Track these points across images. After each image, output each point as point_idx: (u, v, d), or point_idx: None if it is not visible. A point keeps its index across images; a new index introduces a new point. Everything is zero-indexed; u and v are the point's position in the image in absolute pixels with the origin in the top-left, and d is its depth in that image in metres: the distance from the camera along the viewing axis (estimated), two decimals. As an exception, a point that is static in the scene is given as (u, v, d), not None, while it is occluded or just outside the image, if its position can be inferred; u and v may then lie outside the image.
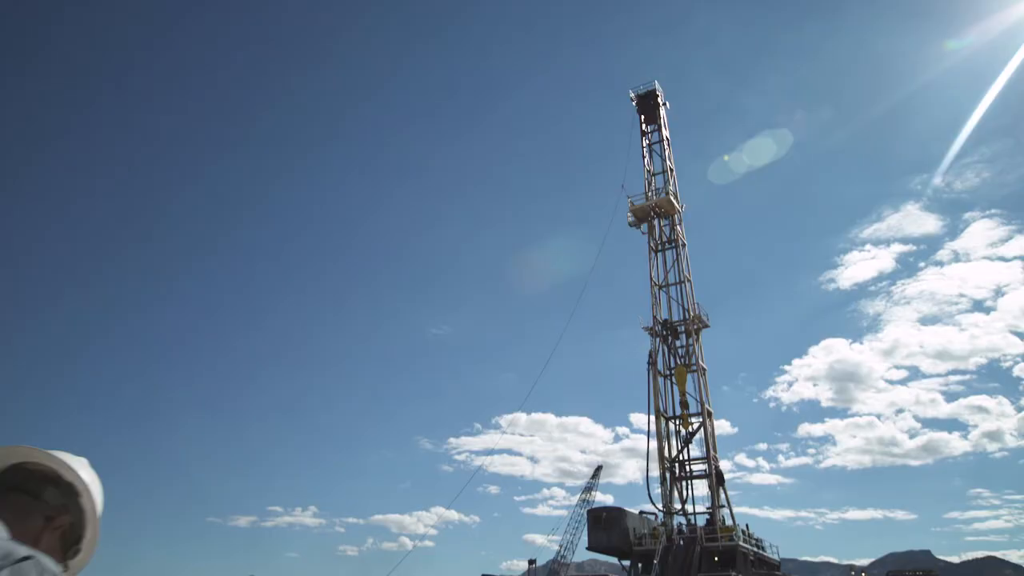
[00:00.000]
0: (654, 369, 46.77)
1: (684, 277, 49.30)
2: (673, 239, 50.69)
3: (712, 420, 45.94)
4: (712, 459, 44.16)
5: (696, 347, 47.13)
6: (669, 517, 43.13)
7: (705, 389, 46.21)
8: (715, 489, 43.38)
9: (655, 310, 48.67)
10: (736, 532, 40.53)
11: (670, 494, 44.30)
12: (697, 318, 47.76)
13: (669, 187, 51.60)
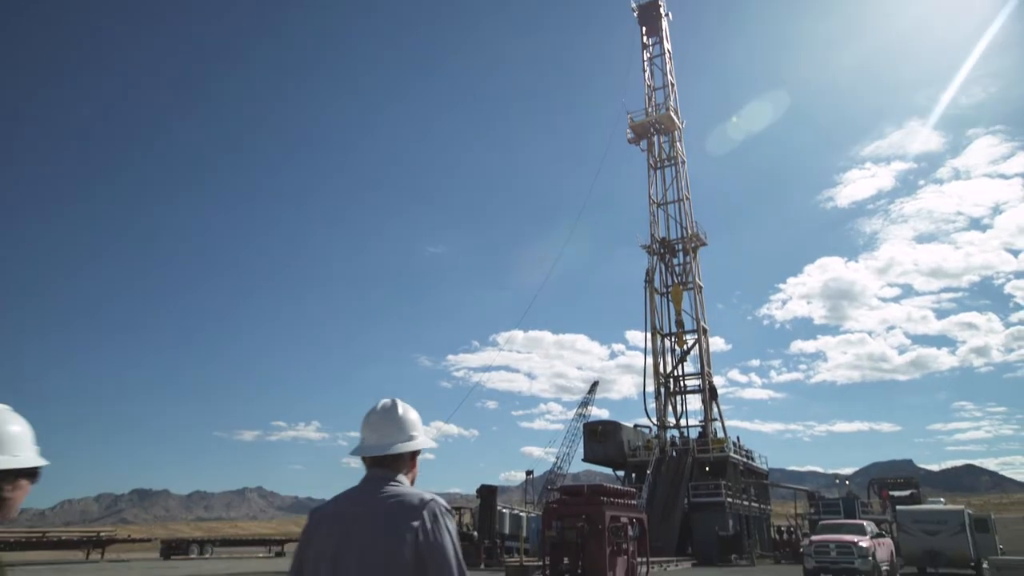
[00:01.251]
0: (651, 287, 47.04)
1: (683, 195, 48.88)
2: (672, 156, 49.96)
3: (707, 337, 46.63)
4: (706, 375, 45.09)
5: (693, 265, 47.28)
6: (663, 430, 44.42)
7: (701, 307, 46.70)
8: (708, 403, 44.52)
9: (653, 228, 48.52)
10: (727, 444, 41.87)
11: (664, 408, 45.46)
12: (695, 236, 47.67)
13: (670, 103, 50.45)
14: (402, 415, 2.36)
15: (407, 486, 2.26)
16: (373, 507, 2.14)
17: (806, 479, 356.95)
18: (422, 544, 2.05)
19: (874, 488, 42.80)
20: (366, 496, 2.19)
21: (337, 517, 2.17)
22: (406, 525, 2.08)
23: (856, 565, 19.57)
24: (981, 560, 24.74)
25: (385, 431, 2.31)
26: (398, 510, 2.12)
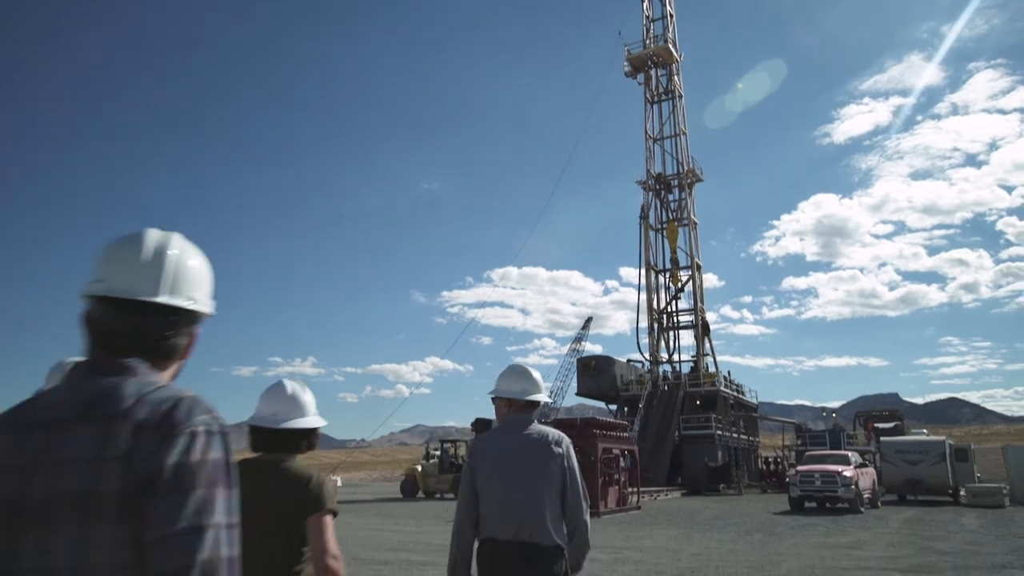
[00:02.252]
0: (646, 223, 46.87)
1: (680, 130, 48.13)
2: (670, 90, 48.94)
3: (701, 274, 46.77)
4: (699, 311, 45.45)
5: (688, 201, 46.97)
6: (655, 365, 45.06)
7: (696, 243, 46.66)
8: (700, 339, 45.03)
9: (649, 164, 47.97)
10: (718, 379, 42.56)
11: (657, 344, 45.98)
12: (691, 172, 47.20)
13: (668, 34, 49.09)
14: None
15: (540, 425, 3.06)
16: (526, 440, 2.93)
17: (794, 412, 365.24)
18: (565, 465, 2.89)
19: (860, 421, 43.80)
20: (513, 431, 2.97)
21: (499, 442, 2.97)
22: (553, 452, 2.89)
23: (839, 493, 20.24)
24: (959, 487, 25.62)
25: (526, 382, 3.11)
26: (551, 439, 2.93)
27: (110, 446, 1.01)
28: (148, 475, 1.00)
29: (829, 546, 12.10)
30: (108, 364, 1.12)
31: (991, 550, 11.55)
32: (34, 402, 1.13)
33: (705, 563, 10.03)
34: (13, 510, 1.01)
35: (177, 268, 1.21)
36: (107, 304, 1.15)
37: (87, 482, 1.00)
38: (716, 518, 18.31)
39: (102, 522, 0.98)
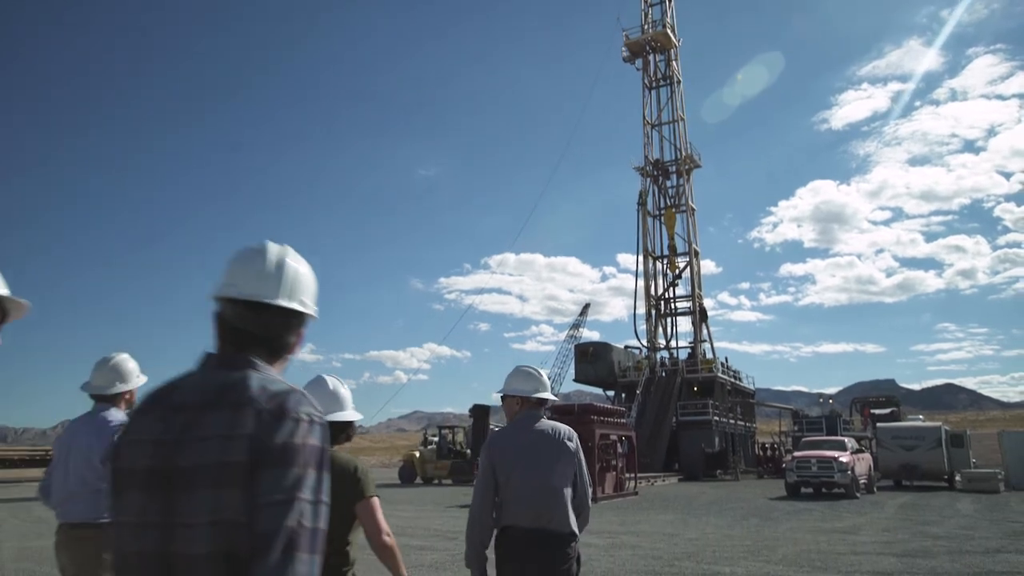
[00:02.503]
0: (644, 209, 46.80)
1: (678, 116, 47.95)
2: (668, 76, 48.71)
3: (698, 260, 46.77)
4: (697, 297, 45.50)
5: (686, 187, 46.89)
6: (653, 351, 45.15)
7: (693, 229, 46.62)
8: (698, 325, 45.11)
9: (647, 150, 47.83)
10: (715, 365, 42.69)
11: (655, 330, 46.05)
12: (689, 158, 47.07)
13: (666, 19, 48.78)
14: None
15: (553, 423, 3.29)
16: (539, 434, 3.18)
17: (791, 398, 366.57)
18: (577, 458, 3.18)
19: (856, 407, 43.99)
20: (526, 427, 3.22)
21: (514, 437, 3.21)
22: (566, 445, 3.16)
23: (835, 479, 20.36)
24: (955, 473, 25.79)
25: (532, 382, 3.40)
26: (562, 433, 3.19)
27: (239, 426, 1.22)
28: (261, 449, 1.21)
29: (825, 531, 12.19)
30: (236, 358, 1.36)
31: (986, 534, 11.64)
32: (175, 387, 1.36)
33: (702, 548, 10.10)
34: (165, 476, 1.24)
35: (294, 276, 1.46)
36: (236, 305, 1.40)
37: (221, 454, 1.21)
38: (713, 503, 18.42)
39: (231, 488, 1.19)
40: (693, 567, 8.45)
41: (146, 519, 1.24)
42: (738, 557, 9.23)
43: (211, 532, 1.18)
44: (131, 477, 1.29)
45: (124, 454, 1.32)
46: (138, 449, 1.30)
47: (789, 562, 8.79)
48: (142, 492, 1.26)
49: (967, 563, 8.67)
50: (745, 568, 8.35)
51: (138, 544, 1.24)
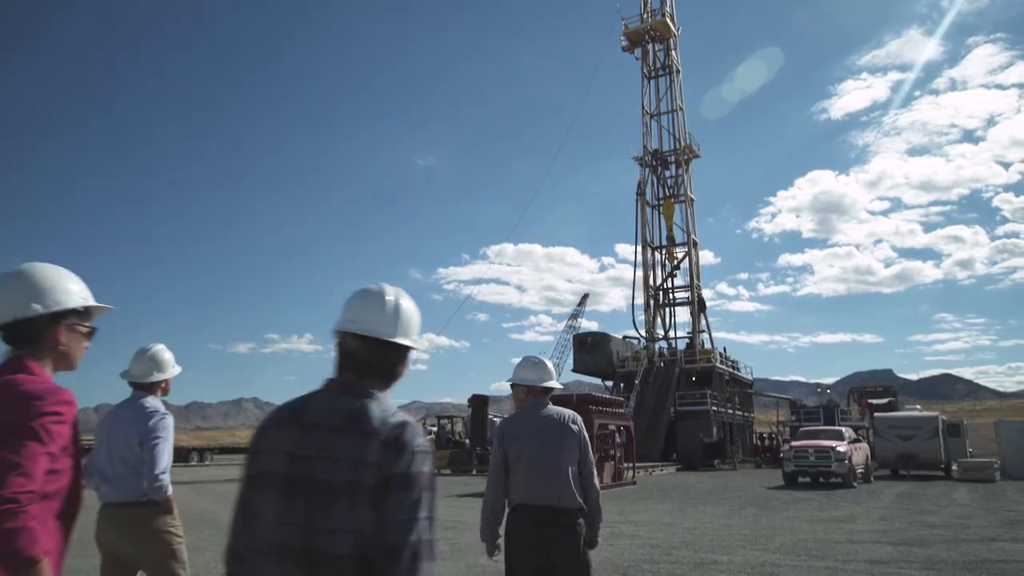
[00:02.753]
0: (642, 199, 46.74)
1: (677, 106, 47.82)
2: (667, 65, 48.53)
3: (697, 250, 46.76)
4: (695, 288, 45.52)
5: (685, 177, 46.82)
6: (651, 342, 45.21)
7: (692, 220, 46.58)
8: (696, 316, 45.16)
9: (646, 139, 47.72)
10: (713, 355, 42.77)
11: (653, 320, 46.10)
12: (688, 148, 46.98)
13: (666, 8, 48.56)
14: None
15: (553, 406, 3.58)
16: (546, 419, 3.47)
17: (789, 388, 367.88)
18: (581, 439, 3.48)
19: (854, 396, 44.13)
20: (533, 413, 3.51)
21: (523, 422, 3.50)
22: (571, 428, 3.47)
23: (833, 468, 20.45)
24: (951, 462, 25.92)
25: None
26: (567, 417, 3.50)
27: (367, 453, 1.50)
28: (387, 477, 1.48)
29: (822, 520, 12.25)
30: (357, 386, 1.64)
31: (981, 523, 11.70)
32: (305, 405, 1.63)
33: (699, 537, 10.15)
34: (304, 485, 1.51)
35: (408, 317, 1.74)
36: (358, 339, 1.66)
37: (353, 475, 1.49)
38: (710, 493, 18.50)
39: (363, 504, 1.47)
40: (691, 556, 8.50)
41: (290, 519, 1.50)
42: (735, 546, 9.27)
43: (353, 538, 1.47)
44: (269, 479, 1.56)
45: (260, 459, 1.60)
46: (274, 457, 1.57)
47: (786, 551, 8.83)
48: (282, 495, 1.52)
49: (963, 551, 8.71)
50: (742, 557, 8.39)
51: (281, 537, 1.50)
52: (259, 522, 1.55)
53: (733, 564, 7.90)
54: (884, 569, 7.56)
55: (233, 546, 1.60)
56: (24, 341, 1.82)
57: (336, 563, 1.47)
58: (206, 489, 21.54)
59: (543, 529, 3.33)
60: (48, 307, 1.83)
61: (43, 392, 1.73)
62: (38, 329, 1.82)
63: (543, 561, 3.30)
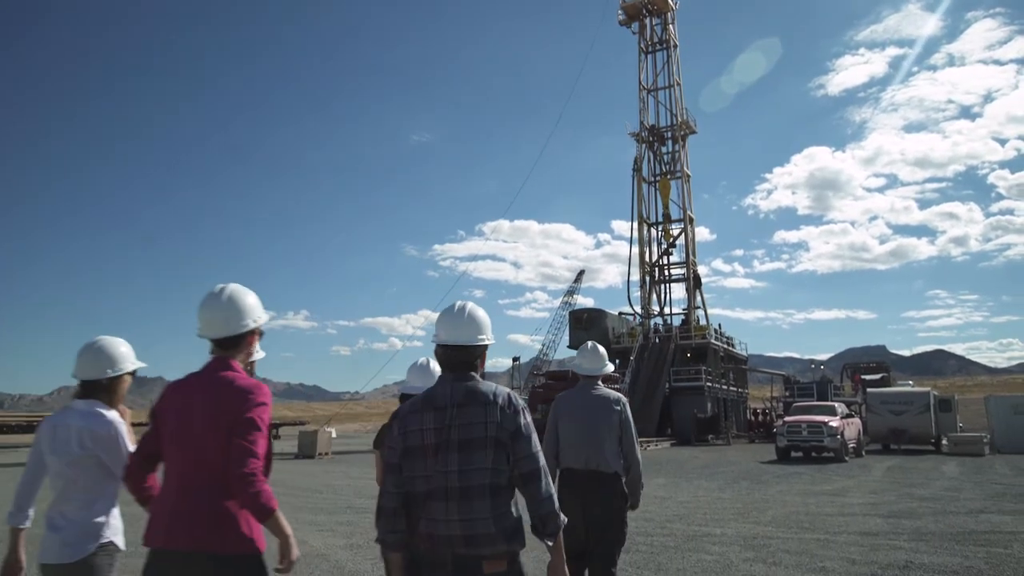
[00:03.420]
0: (639, 175, 46.58)
1: (674, 81, 47.48)
2: (664, 40, 48.08)
3: (693, 227, 46.74)
4: (691, 264, 45.57)
5: (682, 154, 46.64)
6: (647, 318, 45.36)
7: (688, 196, 46.50)
8: (691, 292, 45.27)
9: (642, 115, 47.43)
10: (708, 331, 42.94)
11: (649, 297, 46.21)
12: (684, 124, 46.74)
13: (664, -20, 47.97)
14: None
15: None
16: (594, 398, 4.22)
17: (783, 364, 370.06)
18: (622, 417, 4.15)
19: (847, 372, 44.46)
20: (585, 392, 4.27)
21: (574, 399, 4.25)
22: (613, 408, 4.17)
23: (825, 443, 20.68)
24: (942, 437, 26.23)
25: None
26: (611, 398, 4.21)
27: (490, 416, 2.26)
28: (509, 430, 2.26)
29: (814, 493, 12.43)
30: (464, 375, 2.38)
31: (970, 496, 11.89)
32: (433, 395, 2.35)
33: (693, 510, 10.31)
34: (450, 445, 2.24)
35: (482, 321, 2.46)
36: (451, 346, 2.41)
37: (482, 432, 2.25)
38: (704, 467, 18.72)
39: (490, 450, 2.23)
40: (684, 528, 8.64)
41: (444, 469, 2.22)
42: (728, 519, 9.42)
43: (487, 473, 2.22)
44: (421, 449, 2.27)
45: (409, 437, 2.31)
46: (422, 434, 2.29)
47: (778, 523, 8.98)
48: (435, 456, 2.24)
49: (950, 523, 8.88)
50: (735, 529, 8.53)
51: (439, 483, 2.22)
52: (413, 480, 2.27)
53: (726, 536, 8.04)
54: (874, 540, 7.70)
55: (385, 501, 2.33)
56: (230, 347, 2.47)
57: (478, 490, 2.20)
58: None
59: (586, 489, 3.98)
60: (257, 323, 2.55)
61: (254, 386, 2.36)
62: (242, 339, 2.50)
63: (586, 515, 3.89)
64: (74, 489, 2.79)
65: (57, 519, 2.76)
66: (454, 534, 2.19)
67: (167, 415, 2.38)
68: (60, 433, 2.81)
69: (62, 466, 2.79)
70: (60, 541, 2.73)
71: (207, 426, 2.27)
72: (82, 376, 2.91)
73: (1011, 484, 13.94)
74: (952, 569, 6.25)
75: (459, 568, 2.19)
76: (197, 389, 2.36)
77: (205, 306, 2.49)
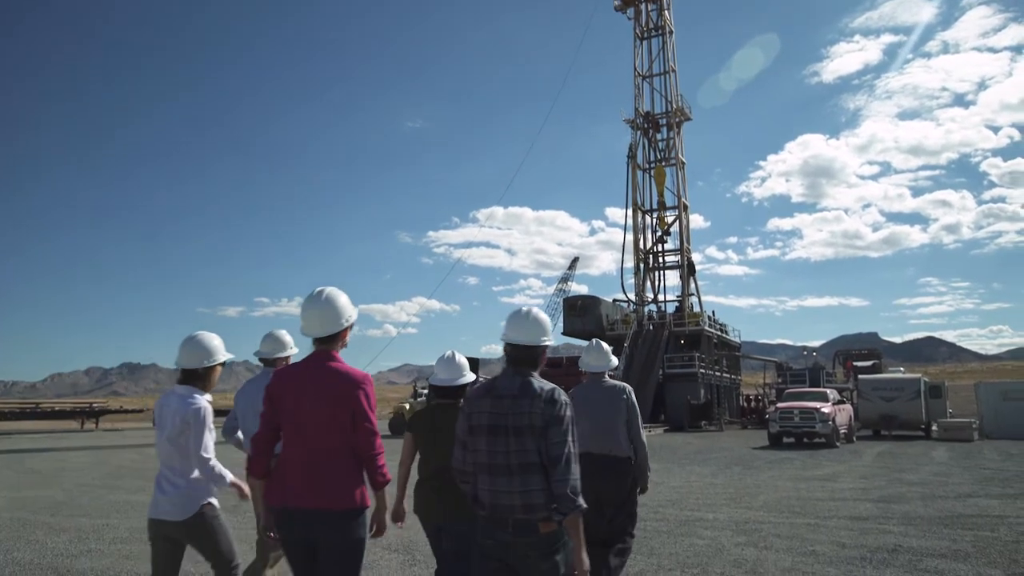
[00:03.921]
0: (633, 163, 46.48)
1: (669, 67, 47.27)
2: (660, 26, 47.82)
3: (687, 214, 46.74)
4: (685, 251, 45.62)
5: (677, 141, 46.54)
6: (641, 305, 45.45)
7: (683, 183, 46.45)
8: (685, 279, 45.34)
9: (637, 102, 47.26)
10: (702, 318, 43.08)
11: (643, 284, 46.28)
12: (679, 111, 46.60)
13: (659, -35, 47.61)
14: None
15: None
16: (603, 390, 4.77)
17: (776, 351, 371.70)
18: (629, 404, 4.74)
19: (839, 359, 44.73)
20: (595, 384, 4.79)
21: (587, 392, 4.74)
22: (621, 396, 4.70)
23: (817, 429, 20.85)
24: (931, 422, 26.48)
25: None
26: (619, 387, 4.78)
27: (535, 407, 2.64)
28: (546, 419, 2.62)
29: (805, 479, 12.55)
30: (522, 371, 2.79)
31: (958, 481, 12.03)
32: (493, 384, 2.80)
33: (685, 495, 10.39)
34: (503, 430, 2.66)
35: (545, 324, 2.87)
36: (515, 345, 2.82)
37: (530, 420, 2.63)
38: (697, 453, 18.85)
39: (538, 435, 2.61)
40: (676, 513, 8.71)
41: (497, 448, 2.68)
42: (720, 504, 9.51)
43: (535, 454, 2.63)
44: (480, 428, 2.74)
45: (473, 417, 2.78)
46: (480, 416, 2.75)
47: (769, 508, 9.07)
48: (490, 436, 2.70)
49: (939, 507, 8.98)
50: (727, 514, 8.61)
51: (494, 459, 2.68)
52: (476, 452, 2.76)
53: (718, 521, 8.12)
54: (863, 525, 7.79)
55: (457, 465, 2.85)
56: (329, 342, 2.94)
57: (533, 467, 2.63)
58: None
59: (600, 470, 4.43)
60: (350, 321, 3.00)
61: (361, 375, 2.89)
62: (338, 335, 2.96)
63: (600, 497, 4.31)
64: (174, 459, 3.37)
65: (163, 483, 3.36)
66: (515, 503, 2.64)
67: (283, 397, 2.87)
68: (164, 412, 3.42)
69: (164, 440, 3.38)
70: (168, 502, 3.32)
71: (319, 406, 2.80)
72: (183, 365, 3.48)
73: (999, 469, 14.10)
74: (940, 552, 6.33)
75: (519, 529, 2.65)
76: (308, 376, 2.87)
77: (306, 308, 2.96)
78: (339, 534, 2.75)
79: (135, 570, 5.89)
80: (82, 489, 11.86)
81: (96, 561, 6.28)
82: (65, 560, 6.35)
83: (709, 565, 5.94)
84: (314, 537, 2.75)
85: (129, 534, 7.60)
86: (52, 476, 14.15)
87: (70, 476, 14.08)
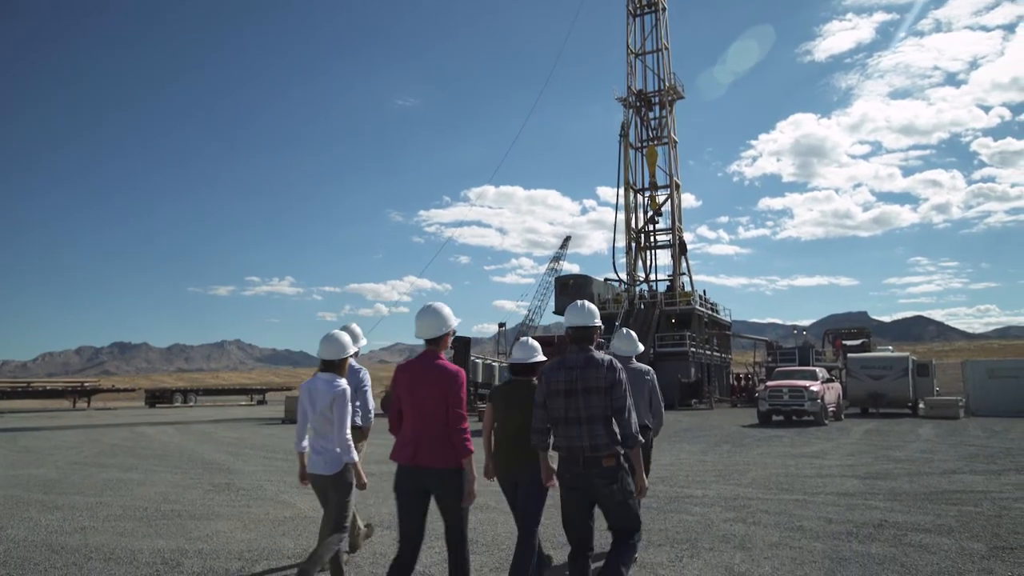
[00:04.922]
0: (626, 141, 46.33)
1: (662, 44, 46.96)
2: (653, 2, 47.42)
3: (679, 193, 46.74)
4: (676, 231, 45.66)
5: (669, 119, 46.38)
6: (632, 284, 45.57)
7: (675, 162, 46.38)
8: (677, 259, 45.46)
9: (630, 80, 46.99)
10: (693, 298, 43.26)
11: (634, 263, 46.36)
12: (672, 89, 46.38)
13: (653, -60, 47.08)
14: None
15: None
16: (630, 371, 5.36)
17: (766, 330, 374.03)
18: (651, 385, 5.65)
19: (828, 338, 45.05)
20: (625, 366, 5.06)
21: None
22: (644, 378, 5.59)
23: (805, 407, 21.07)
24: (919, 400, 26.79)
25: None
26: (642, 370, 5.65)
27: (599, 373, 3.73)
28: (610, 382, 3.71)
29: (793, 456, 12.70)
30: (585, 347, 3.87)
31: (944, 457, 12.21)
32: (565, 358, 3.86)
33: (675, 472, 10.51)
34: (575, 392, 3.76)
35: (593, 310, 3.98)
36: (577, 327, 3.94)
37: (595, 383, 3.73)
38: (687, 431, 19.02)
39: (603, 395, 3.71)
40: (667, 490, 8.81)
41: (572, 404, 3.73)
42: (710, 480, 9.62)
43: (603, 409, 3.69)
44: (558, 392, 3.77)
45: (552, 383, 3.80)
46: (558, 383, 3.78)
47: (758, 484, 9.19)
48: (566, 398, 3.74)
49: (924, 483, 9.13)
50: (716, 491, 8.72)
51: (571, 413, 3.73)
52: (554, 410, 3.78)
53: (707, 497, 8.22)
54: (850, 500, 7.91)
55: (537, 424, 3.87)
56: (436, 344, 3.90)
57: (598, 418, 3.67)
58: (190, 430, 21.74)
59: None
60: (451, 327, 3.95)
61: (458, 371, 3.80)
62: (442, 338, 3.91)
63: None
64: (326, 429, 4.35)
65: (317, 447, 4.38)
66: (584, 444, 3.70)
67: (403, 386, 3.87)
68: (314, 393, 4.39)
69: (316, 414, 4.36)
70: (323, 461, 4.32)
71: (430, 394, 3.77)
72: (324, 357, 4.48)
73: (983, 446, 14.32)
74: (924, 527, 6.44)
75: (587, 463, 3.70)
76: (421, 370, 3.85)
77: (419, 317, 3.94)
78: (447, 485, 3.75)
79: (128, 547, 5.92)
80: (75, 467, 11.87)
81: (89, 538, 6.31)
82: (58, 537, 6.37)
83: (698, 541, 6.03)
84: (426, 487, 3.77)
85: (122, 511, 7.63)
86: (45, 454, 14.15)
87: (63, 454, 14.08)
